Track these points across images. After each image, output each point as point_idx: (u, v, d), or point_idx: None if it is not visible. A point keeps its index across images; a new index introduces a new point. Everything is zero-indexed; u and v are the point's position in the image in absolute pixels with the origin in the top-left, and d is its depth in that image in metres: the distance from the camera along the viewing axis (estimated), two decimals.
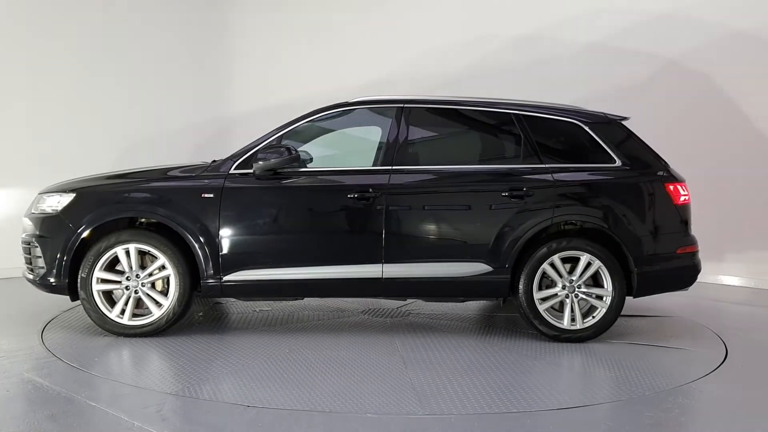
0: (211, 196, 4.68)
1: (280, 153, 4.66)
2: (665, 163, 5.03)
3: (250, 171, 4.76)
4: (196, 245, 4.66)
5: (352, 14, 9.39)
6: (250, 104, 9.53)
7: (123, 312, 4.69)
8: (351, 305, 5.94)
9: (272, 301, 5.90)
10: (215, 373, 4.03)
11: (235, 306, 5.88)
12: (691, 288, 5.03)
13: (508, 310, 5.95)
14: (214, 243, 4.66)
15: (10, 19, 7.49)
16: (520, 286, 4.78)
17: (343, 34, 9.39)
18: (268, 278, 4.71)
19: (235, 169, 4.78)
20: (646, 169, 4.95)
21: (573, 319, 4.82)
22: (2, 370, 4.04)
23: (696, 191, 6.46)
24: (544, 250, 4.77)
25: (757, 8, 7.11)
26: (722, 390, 3.92)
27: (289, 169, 4.76)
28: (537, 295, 4.79)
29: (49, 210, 4.79)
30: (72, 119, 7.94)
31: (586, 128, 5.00)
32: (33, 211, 4.94)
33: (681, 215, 4.95)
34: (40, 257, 4.72)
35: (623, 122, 5.13)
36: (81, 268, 4.64)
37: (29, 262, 4.88)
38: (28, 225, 4.91)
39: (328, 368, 4.13)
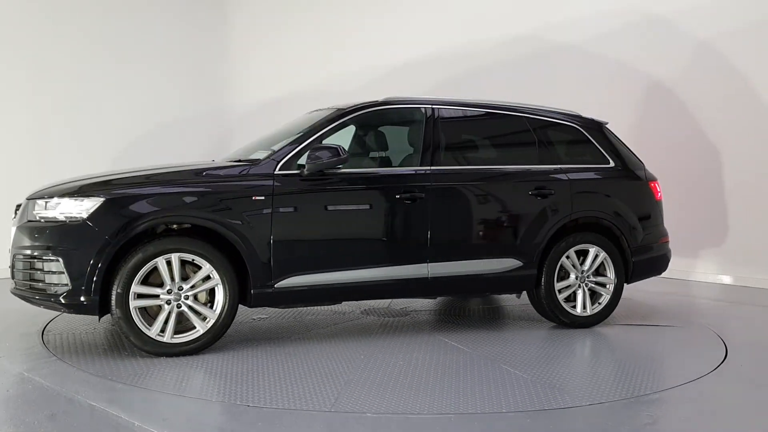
0: (262, 198, 4.38)
1: (331, 154, 4.49)
2: (642, 163, 5.67)
3: (295, 172, 4.53)
4: (247, 251, 4.32)
5: (352, 13, 9.17)
6: (250, 102, 9.06)
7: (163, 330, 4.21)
8: (347, 308, 5.82)
9: (268, 307, 5.57)
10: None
11: None
12: (690, 288, 5.59)
13: (481, 302, 6.25)
14: (265, 248, 4.37)
15: (10, 17, 7.34)
16: (543, 279, 5.12)
17: (344, 33, 9.17)
18: (319, 283, 4.53)
19: (279, 169, 4.51)
20: (634, 169, 5.55)
21: (583, 306, 5.26)
22: (2, 370, 4.00)
23: (696, 191, 7.22)
24: (563, 244, 5.16)
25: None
26: (722, 390, 3.91)
27: (333, 170, 4.60)
28: (557, 286, 5.16)
29: (62, 217, 4.12)
30: (68, 119, 7.81)
31: (583, 131, 5.48)
32: (31, 219, 4.22)
33: (660, 209, 5.63)
34: (62, 273, 4.03)
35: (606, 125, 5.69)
36: (116, 282, 4.07)
37: (33, 278, 4.15)
38: (27, 236, 4.17)
39: (419, 371, 4.10)
